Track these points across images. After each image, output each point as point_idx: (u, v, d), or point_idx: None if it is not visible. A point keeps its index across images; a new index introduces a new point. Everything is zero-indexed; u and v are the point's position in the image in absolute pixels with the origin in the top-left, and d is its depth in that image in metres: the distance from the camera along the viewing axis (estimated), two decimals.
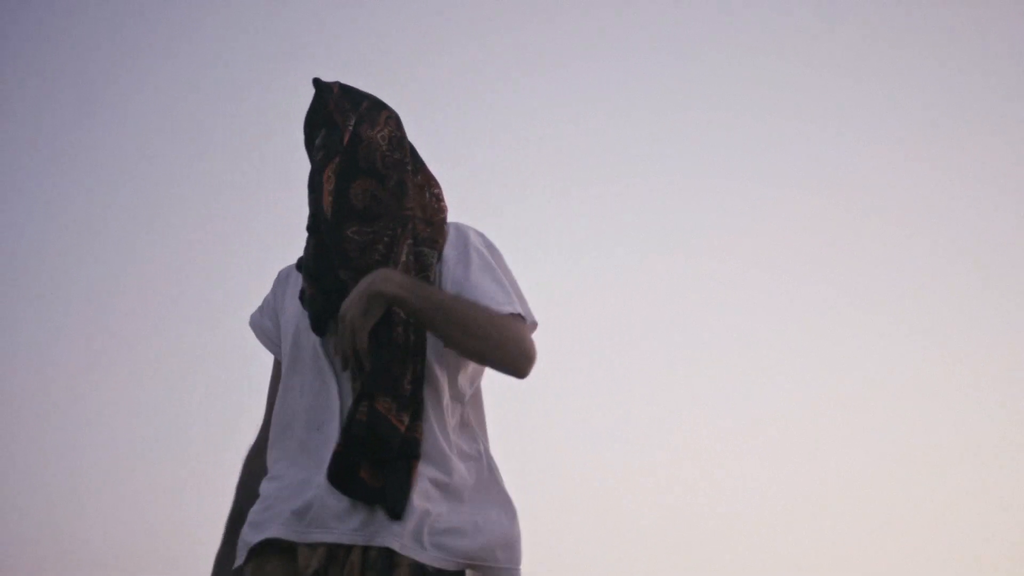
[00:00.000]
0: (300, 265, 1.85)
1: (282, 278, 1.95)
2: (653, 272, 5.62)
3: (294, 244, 1.90)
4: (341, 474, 1.65)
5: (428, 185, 1.85)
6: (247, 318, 1.98)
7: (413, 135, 1.87)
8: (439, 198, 1.85)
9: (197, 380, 5.34)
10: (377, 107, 1.84)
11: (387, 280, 1.61)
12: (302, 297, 1.81)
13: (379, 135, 1.79)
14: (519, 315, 1.72)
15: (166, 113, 5.65)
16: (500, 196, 5.57)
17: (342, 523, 1.64)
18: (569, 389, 5.51)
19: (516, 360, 1.69)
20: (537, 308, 1.81)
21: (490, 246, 1.83)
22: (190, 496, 5.05)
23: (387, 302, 1.61)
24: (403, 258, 1.72)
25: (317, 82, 1.84)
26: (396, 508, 1.62)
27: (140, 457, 5.28)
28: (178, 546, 4.98)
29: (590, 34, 5.69)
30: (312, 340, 1.76)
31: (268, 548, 1.70)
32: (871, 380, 5.56)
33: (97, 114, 5.63)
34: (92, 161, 5.76)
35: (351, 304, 1.61)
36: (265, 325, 1.94)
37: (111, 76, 5.68)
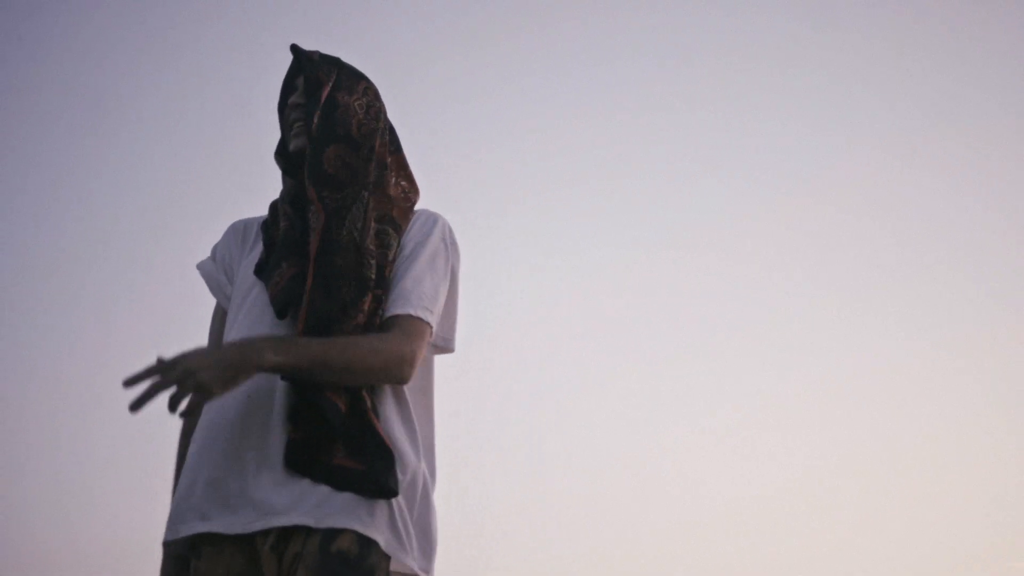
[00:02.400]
0: (266, 232, 1.83)
1: (237, 230, 1.93)
2: (645, 270, 5.65)
3: None
4: (305, 462, 1.61)
5: (400, 168, 1.84)
6: None
7: (411, 136, 1.89)
8: (406, 191, 1.84)
9: None
10: (356, 76, 1.83)
11: (262, 351, 1.52)
12: (259, 272, 1.78)
13: (356, 103, 1.78)
14: (414, 317, 1.68)
15: (172, 119, 5.68)
16: (494, 195, 5.59)
17: (290, 505, 1.61)
18: (560, 386, 5.53)
19: (394, 376, 1.65)
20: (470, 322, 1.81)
21: (444, 242, 1.80)
22: None
23: (262, 371, 1.53)
24: (371, 224, 1.72)
25: (295, 48, 1.81)
26: (388, 488, 1.61)
27: (145, 457, 5.31)
28: None
29: (584, 38, 5.72)
30: (269, 320, 1.72)
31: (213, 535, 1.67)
32: (863, 376, 5.59)
33: (104, 119, 5.67)
34: (99, 165, 5.79)
35: (210, 367, 1.48)
36: (221, 280, 1.90)
37: (119, 80, 5.71)
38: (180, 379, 1.45)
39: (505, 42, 5.67)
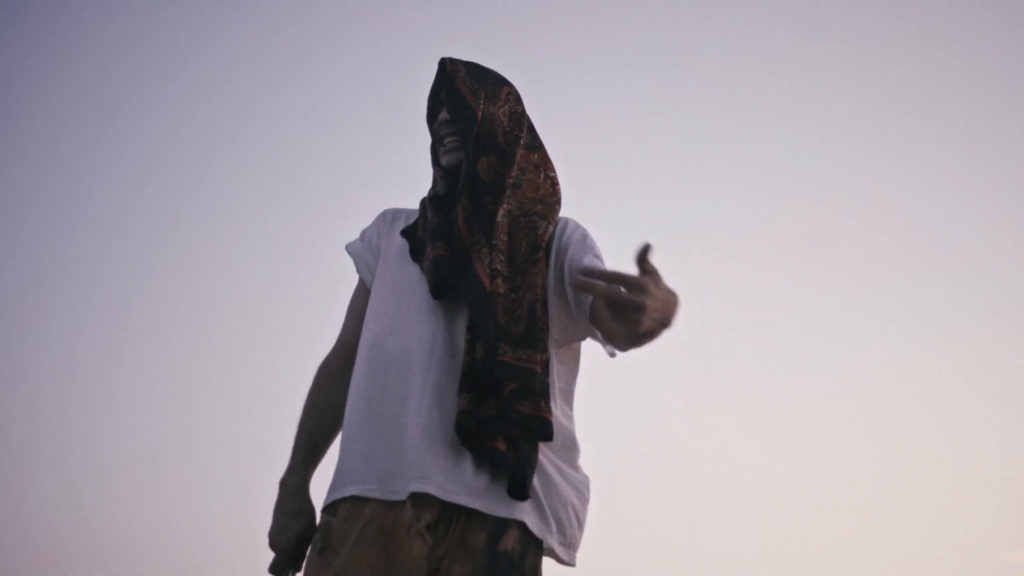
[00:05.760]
0: (415, 227, 1.86)
1: (387, 217, 1.98)
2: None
3: (305, 246, 1.96)
4: (472, 434, 1.63)
5: (544, 167, 1.88)
6: (263, 319, 2.02)
7: (413, 138, 1.93)
8: (554, 182, 1.87)
9: (210, 380, 5.41)
10: (499, 83, 1.88)
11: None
12: (415, 256, 1.82)
13: (500, 111, 1.84)
14: None
15: (184, 118, 5.72)
16: None
17: (460, 484, 1.63)
18: None
19: None
20: None
21: (586, 235, 1.85)
22: (202, 495, 5.12)
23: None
24: (499, 218, 1.75)
25: (443, 62, 1.87)
26: (524, 487, 1.62)
27: (154, 456, 5.35)
28: (189, 543, 5.05)
29: (584, 43, 5.77)
30: (423, 292, 1.76)
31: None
32: (857, 374, 5.64)
33: (117, 121, 5.70)
34: (110, 164, 5.83)
35: (666, 312, 1.42)
36: (368, 258, 1.95)
37: (132, 79, 5.75)
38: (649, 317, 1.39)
39: (506, 47, 5.71)
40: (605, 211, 5.81)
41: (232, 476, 5.11)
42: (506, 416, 1.62)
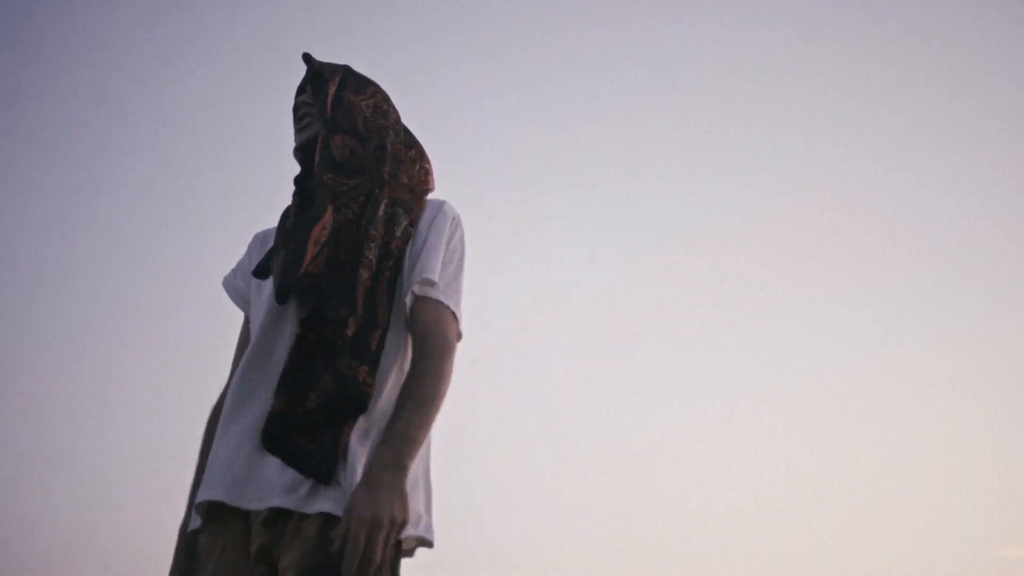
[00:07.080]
0: (277, 233, 1.83)
1: (258, 239, 1.96)
2: (648, 271, 5.72)
3: None
4: (276, 437, 1.63)
5: (420, 160, 1.87)
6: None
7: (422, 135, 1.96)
8: (427, 172, 1.87)
9: (210, 380, 5.44)
10: (364, 81, 1.89)
11: (392, 499, 1.55)
12: (258, 271, 1.83)
13: (362, 102, 1.84)
14: (443, 304, 1.72)
15: (187, 127, 5.75)
16: (496, 195, 5.67)
17: (278, 487, 1.61)
18: (559, 384, 5.61)
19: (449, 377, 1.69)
20: (485, 307, 1.83)
21: (455, 226, 1.82)
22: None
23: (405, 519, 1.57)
24: (380, 213, 1.74)
25: (306, 56, 1.86)
26: (323, 473, 1.59)
27: (152, 456, 5.37)
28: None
29: (586, 46, 5.80)
30: (276, 310, 1.75)
31: (219, 508, 1.69)
32: (855, 373, 5.67)
33: (120, 127, 5.73)
34: (113, 167, 5.86)
35: (368, 546, 1.52)
36: (238, 285, 1.94)
37: (130, 87, 5.78)
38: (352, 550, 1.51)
39: (508, 50, 5.74)
40: (605, 211, 5.83)
41: None
42: (325, 402, 1.62)
